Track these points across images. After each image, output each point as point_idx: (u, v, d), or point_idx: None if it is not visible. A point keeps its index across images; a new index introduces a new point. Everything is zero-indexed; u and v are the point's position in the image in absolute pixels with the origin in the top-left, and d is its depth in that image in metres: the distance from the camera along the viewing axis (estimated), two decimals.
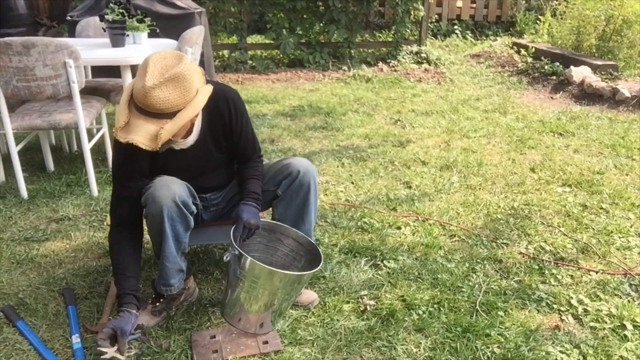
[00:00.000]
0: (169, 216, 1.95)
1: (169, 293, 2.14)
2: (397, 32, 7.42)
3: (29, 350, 2.03)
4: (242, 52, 7.15)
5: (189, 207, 2.01)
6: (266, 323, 2.08)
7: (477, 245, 2.84)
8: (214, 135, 2.12)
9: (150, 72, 1.77)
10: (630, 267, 2.63)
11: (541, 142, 4.40)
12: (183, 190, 2.00)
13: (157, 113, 1.80)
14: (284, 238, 2.24)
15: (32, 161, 3.90)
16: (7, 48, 2.89)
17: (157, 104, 1.77)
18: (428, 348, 2.07)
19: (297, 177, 2.16)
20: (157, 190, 1.95)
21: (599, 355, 2.04)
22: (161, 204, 1.93)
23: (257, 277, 1.95)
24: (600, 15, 6.61)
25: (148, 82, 1.75)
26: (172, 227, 1.99)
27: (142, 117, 1.81)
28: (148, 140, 1.80)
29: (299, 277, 2.01)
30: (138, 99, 1.79)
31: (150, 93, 1.75)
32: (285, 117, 5.09)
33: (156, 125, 1.80)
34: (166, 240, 2.01)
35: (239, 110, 2.12)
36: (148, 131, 1.80)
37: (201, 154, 2.12)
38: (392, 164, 3.93)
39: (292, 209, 2.21)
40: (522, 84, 6.41)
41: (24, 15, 7.55)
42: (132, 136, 1.80)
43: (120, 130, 1.82)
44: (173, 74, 1.77)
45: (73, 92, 3.11)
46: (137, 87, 1.79)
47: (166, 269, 2.08)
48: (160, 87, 1.76)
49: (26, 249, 2.73)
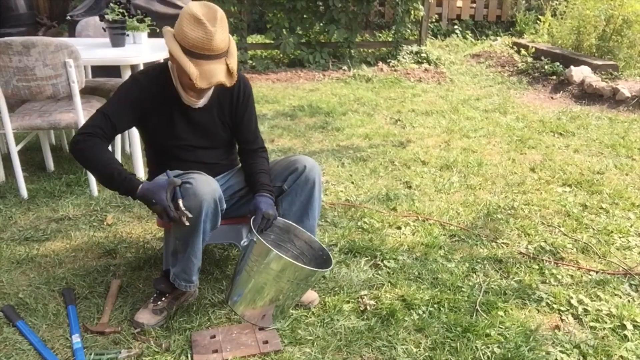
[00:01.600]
0: (206, 212, 1.98)
1: (189, 289, 2.18)
2: (397, 32, 7.42)
3: (29, 350, 2.03)
4: (242, 52, 7.15)
5: (222, 203, 2.05)
6: (268, 316, 2.08)
7: (477, 245, 2.84)
8: (221, 106, 2.20)
9: (205, 20, 1.90)
10: (630, 266, 2.63)
11: (541, 142, 4.40)
12: (220, 188, 2.05)
13: (219, 54, 1.96)
14: (296, 240, 2.25)
15: (32, 161, 3.90)
16: (7, 48, 2.89)
17: (222, 45, 1.95)
18: (428, 348, 2.07)
19: (303, 172, 2.21)
20: (199, 186, 1.97)
21: (599, 355, 2.04)
22: (202, 199, 1.95)
23: (271, 266, 1.96)
24: (600, 15, 6.61)
25: (211, 28, 1.90)
26: (205, 224, 2.02)
27: (211, 62, 1.94)
28: (226, 77, 1.99)
29: (311, 273, 2.01)
30: (203, 46, 1.91)
31: (216, 36, 1.91)
32: (285, 117, 5.09)
33: (223, 64, 1.98)
34: (198, 236, 2.04)
35: (247, 91, 2.23)
36: (222, 70, 1.97)
37: (206, 120, 2.19)
38: (392, 163, 3.93)
39: (297, 204, 2.24)
40: (522, 84, 6.41)
41: (24, 15, 7.55)
42: (215, 78, 1.95)
43: (199, 79, 1.92)
44: (220, 16, 1.95)
45: (73, 92, 3.11)
46: (196, 37, 1.90)
47: (192, 265, 2.12)
48: (219, 30, 1.92)
49: (26, 249, 2.73)
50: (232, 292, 2.08)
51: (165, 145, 2.21)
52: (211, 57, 1.94)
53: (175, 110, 2.13)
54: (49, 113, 3.26)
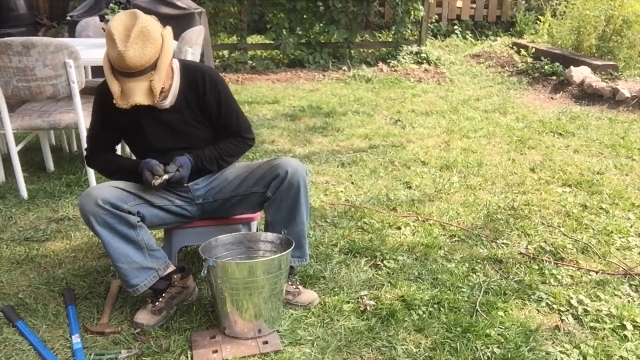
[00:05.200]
0: (97, 220, 2.00)
1: (136, 294, 2.14)
2: (397, 32, 7.42)
3: (29, 351, 2.03)
4: (242, 52, 7.16)
5: (120, 207, 2.03)
6: (263, 328, 2.10)
7: (477, 245, 2.84)
8: (189, 104, 2.16)
9: (116, 37, 1.86)
10: (630, 267, 2.63)
11: (541, 142, 4.40)
12: (108, 192, 2.04)
13: (140, 70, 1.90)
14: (253, 244, 2.26)
15: (32, 161, 3.90)
16: (7, 48, 2.89)
17: (137, 62, 1.87)
18: (428, 348, 2.07)
19: (286, 177, 2.14)
20: (81, 198, 2.04)
21: (598, 355, 2.04)
22: (85, 210, 2.00)
23: (237, 276, 1.99)
24: (600, 15, 6.61)
25: (120, 47, 1.85)
26: (109, 229, 2.02)
27: (131, 80, 1.91)
28: (146, 96, 1.92)
29: (276, 262, 2.02)
30: (118, 65, 1.89)
31: (126, 55, 1.85)
32: (285, 117, 5.09)
33: (145, 81, 1.92)
34: (107, 244, 2.04)
35: (214, 82, 2.16)
36: (142, 89, 1.92)
37: (176, 120, 2.16)
38: (392, 164, 3.93)
39: (283, 211, 2.20)
40: (522, 84, 6.41)
41: (24, 15, 7.55)
42: (132, 99, 1.91)
43: (119, 99, 1.92)
44: (137, 31, 1.87)
45: (73, 92, 3.11)
46: (112, 56, 1.89)
47: (122, 270, 2.09)
48: (132, 47, 1.86)
49: (26, 249, 2.73)
50: (221, 321, 2.12)
51: (141, 149, 2.23)
52: (132, 75, 1.90)
53: (142, 113, 2.08)
54: (49, 113, 3.26)
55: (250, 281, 2.00)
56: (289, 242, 2.15)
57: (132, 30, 1.87)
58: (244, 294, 2.02)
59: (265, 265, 2.01)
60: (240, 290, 2.02)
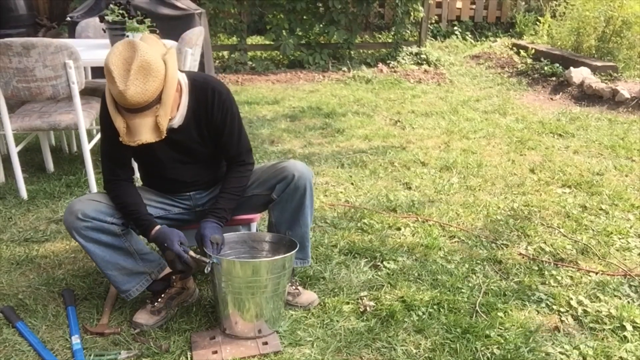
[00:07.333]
0: (79, 233, 1.99)
1: (129, 298, 2.16)
2: (397, 33, 7.42)
3: (29, 351, 2.03)
4: (242, 53, 7.16)
5: (102, 219, 2.01)
6: (264, 328, 2.10)
7: (476, 246, 2.84)
8: (197, 122, 2.09)
9: (116, 75, 1.77)
10: (630, 268, 2.63)
11: (541, 143, 4.40)
12: (89, 206, 2.01)
13: (144, 106, 1.82)
14: (256, 244, 2.26)
15: (31, 162, 3.90)
16: (7, 49, 2.89)
17: (139, 99, 1.79)
18: (428, 349, 2.07)
19: (293, 180, 2.13)
20: (65, 212, 2.03)
21: (598, 356, 2.04)
22: (67, 224, 2.01)
23: (240, 275, 1.99)
24: (599, 16, 6.61)
25: (120, 86, 1.76)
26: (92, 241, 2.01)
27: (136, 116, 1.83)
28: (152, 133, 1.86)
29: (280, 262, 2.02)
30: (121, 103, 1.81)
31: (127, 94, 1.76)
32: (285, 118, 5.09)
33: (151, 116, 1.84)
34: (93, 254, 2.04)
35: (223, 101, 2.08)
36: (148, 125, 1.85)
37: (184, 139, 2.10)
38: (392, 165, 3.93)
39: (288, 213, 2.20)
40: (522, 85, 6.41)
41: (24, 16, 7.55)
42: (139, 137, 1.85)
43: (126, 136, 1.87)
44: (137, 66, 1.77)
45: (73, 93, 3.11)
46: (114, 93, 1.81)
47: (112, 277, 2.10)
48: (133, 84, 1.76)
49: (26, 250, 2.73)
50: (222, 320, 2.12)
51: (147, 165, 2.22)
52: (136, 111, 1.82)
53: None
54: (49, 114, 3.26)
55: (254, 280, 2.00)
56: (292, 244, 2.15)
57: (132, 64, 1.76)
58: (246, 293, 2.02)
59: (270, 265, 2.01)
60: (243, 289, 2.01)
